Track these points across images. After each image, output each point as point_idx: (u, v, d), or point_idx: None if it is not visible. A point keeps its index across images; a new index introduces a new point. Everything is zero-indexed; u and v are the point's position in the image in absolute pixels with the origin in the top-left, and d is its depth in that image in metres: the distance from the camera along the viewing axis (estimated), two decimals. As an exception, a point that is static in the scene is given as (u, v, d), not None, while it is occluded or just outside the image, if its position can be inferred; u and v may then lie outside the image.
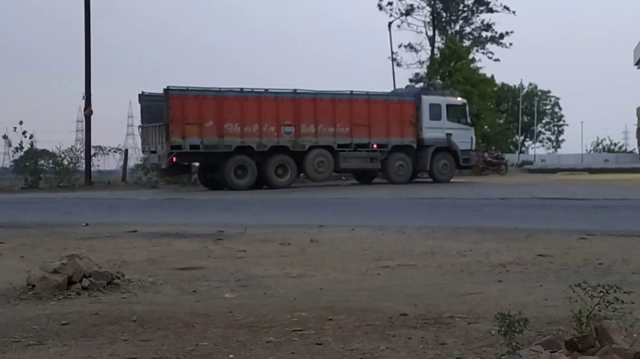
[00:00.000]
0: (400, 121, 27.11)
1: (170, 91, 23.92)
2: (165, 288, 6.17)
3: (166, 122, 23.64)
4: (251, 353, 3.99)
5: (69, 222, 12.89)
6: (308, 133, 25.62)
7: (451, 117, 28.28)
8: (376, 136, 26.72)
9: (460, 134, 28.19)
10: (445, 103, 28.32)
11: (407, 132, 27.30)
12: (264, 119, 24.90)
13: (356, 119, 26.35)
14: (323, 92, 26.58)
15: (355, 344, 4.11)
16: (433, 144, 27.59)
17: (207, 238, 9.87)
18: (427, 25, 52.23)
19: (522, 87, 65.07)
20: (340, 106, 26.26)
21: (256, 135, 24.77)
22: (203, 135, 24.08)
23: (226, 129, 24.36)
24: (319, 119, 25.78)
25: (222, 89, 25.01)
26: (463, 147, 28.30)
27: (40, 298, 5.58)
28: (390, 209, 16.19)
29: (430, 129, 27.63)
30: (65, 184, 28.65)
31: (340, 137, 26.13)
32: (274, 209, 16.87)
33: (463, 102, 29.26)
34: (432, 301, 5.34)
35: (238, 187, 24.06)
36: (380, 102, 27.24)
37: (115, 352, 4.04)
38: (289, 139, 25.32)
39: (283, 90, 26.08)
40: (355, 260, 7.72)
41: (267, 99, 25.27)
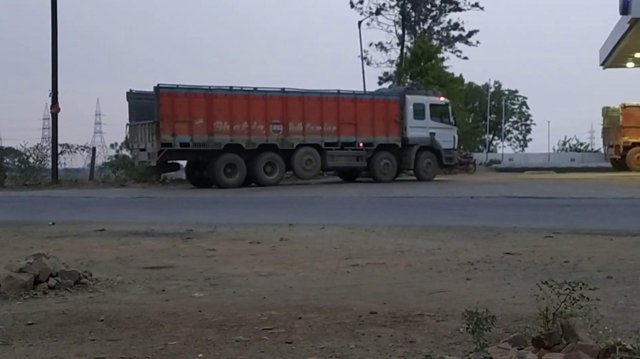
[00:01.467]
0: (385, 120, 27.40)
1: (161, 88, 23.96)
2: (134, 287, 6.12)
3: (156, 120, 23.66)
4: (220, 352, 3.97)
5: (35, 221, 12.73)
6: (296, 131, 25.80)
7: (434, 117, 28.61)
8: (362, 134, 26.98)
9: (443, 133, 28.52)
10: (428, 103, 28.64)
11: (392, 131, 27.60)
12: (253, 118, 25.01)
13: (343, 118, 26.58)
14: (311, 91, 26.75)
15: (325, 342, 4.12)
16: (417, 143, 27.92)
17: (177, 237, 9.82)
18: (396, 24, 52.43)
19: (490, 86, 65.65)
20: (328, 104, 26.48)
21: (245, 133, 24.87)
22: (193, 133, 24.15)
23: (216, 127, 24.43)
24: (307, 118, 25.97)
25: (211, 87, 25.03)
26: (446, 146, 28.65)
27: (6, 297, 5.51)
28: (361, 208, 16.23)
29: (414, 128, 27.94)
30: (31, 182, 28.30)
31: (328, 135, 26.36)
32: (244, 208, 16.83)
33: (446, 102, 29.65)
34: (401, 300, 5.37)
35: (227, 185, 24.11)
36: (366, 102, 27.57)
37: (82, 352, 4.00)
38: (278, 137, 25.47)
39: (272, 89, 26.17)
40: (325, 259, 7.73)
41: (256, 97, 25.39)
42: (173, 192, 23.80)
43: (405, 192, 20.93)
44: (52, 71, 29.70)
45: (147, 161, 25.18)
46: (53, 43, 29.70)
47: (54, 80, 29.58)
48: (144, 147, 24.83)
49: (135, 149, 26.01)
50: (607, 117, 40.04)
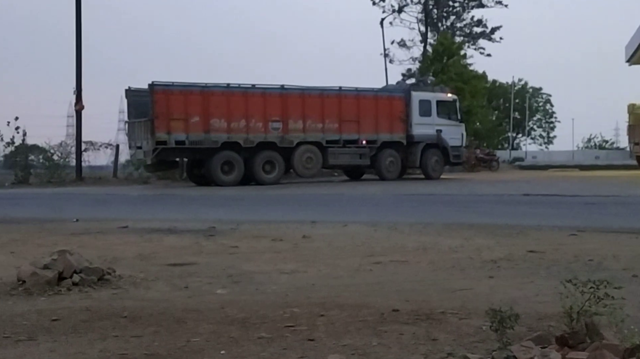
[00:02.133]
0: (389, 117, 27.03)
1: (155, 86, 23.79)
2: (157, 284, 6.15)
3: (151, 118, 23.52)
4: (243, 349, 3.98)
5: (59, 218, 12.85)
6: (296, 129, 25.50)
7: (441, 114, 28.15)
8: (365, 132, 26.62)
9: (450, 130, 28.07)
10: (435, 99, 28.15)
11: (396, 129, 27.20)
12: (251, 115, 24.76)
13: (345, 115, 26.23)
14: (311, 88, 26.45)
15: (347, 340, 4.11)
16: (423, 141, 27.51)
17: (199, 234, 9.86)
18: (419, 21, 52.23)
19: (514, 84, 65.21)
20: (329, 101, 26.13)
21: (243, 131, 24.65)
22: (189, 131, 23.92)
23: (212, 125, 24.22)
24: (307, 115, 25.67)
25: (208, 84, 24.86)
26: (453, 144, 28.19)
27: (31, 293, 5.56)
28: (383, 206, 16.20)
29: (420, 125, 27.54)
30: (55, 179, 28.56)
31: (329, 133, 26.03)
32: (267, 205, 16.86)
33: (453, 99, 29.05)
34: (423, 297, 5.35)
35: (224, 183, 23.99)
36: (369, 98, 27.10)
37: (106, 348, 4.03)
38: (277, 134, 25.19)
39: (270, 85, 25.92)
40: (348, 256, 7.72)
41: (254, 94, 25.13)
42: (196, 189, 23.89)
43: (427, 190, 20.86)
44: (76, 69, 29.94)
45: (144, 159, 25.23)
46: (77, 41, 29.94)
47: (78, 78, 29.82)
48: (140, 145, 24.79)
49: (133, 147, 26.00)
50: (633, 115, 39.56)
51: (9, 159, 30.77)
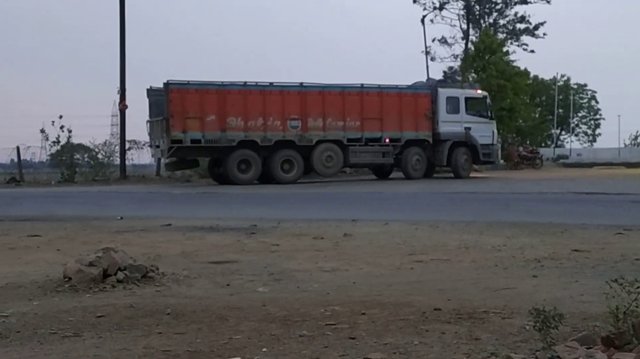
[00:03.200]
0: (414, 114, 26.40)
1: (170, 84, 23.82)
2: (199, 282, 6.21)
3: (166, 117, 23.56)
4: (284, 346, 4.00)
5: (104, 215, 13.04)
6: (316, 127, 25.11)
7: (471, 111, 27.46)
8: (389, 130, 26.06)
9: (480, 127, 27.30)
10: (463, 96, 27.44)
11: (422, 126, 26.58)
12: (268, 113, 24.50)
13: (367, 113, 25.71)
14: (332, 86, 26.02)
15: (388, 338, 4.10)
16: (450, 138, 26.84)
17: (241, 232, 9.92)
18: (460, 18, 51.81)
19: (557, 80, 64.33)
20: (350, 99, 25.66)
21: (260, 129, 24.42)
22: (205, 129, 23.83)
23: (229, 123, 24.08)
24: (328, 113, 25.24)
25: (224, 82, 24.64)
26: (483, 142, 27.38)
27: (77, 290, 5.66)
28: (424, 204, 16.11)
29: (447, 122, 26.86)
30: (100, 178, 28.99)
31: (350, 131, 25.55)
32: (308, 203, 16.89)
33: (484, 95, 28.30)
34: (466, 296, 5.31)
35: (241, 182, 23.78)
36: (393, 96, 26.44)
37: (149, 345, 4.08)
38: (296, 133, 24.87)
39: (289, 83, 25.54)
40: (389, 254, 7.70)
41: (272, 92, 24.88)
42: (238, 187, 24.04)
43: (469, 188, 20.70)
44: (120, 69, 30.35)
45: (161, 158, 25.31)
46: (121, 40, 30.34)
47: (122, 77, 30.23)
48: (158, 144, 24.92)
49: (153, 145, 26.13)
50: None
51: (55, 158, 31.33)
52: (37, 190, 23.96)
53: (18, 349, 4.04)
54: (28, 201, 18.37)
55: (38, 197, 20.00)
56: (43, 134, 29.64)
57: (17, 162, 31.20)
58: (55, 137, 29.20)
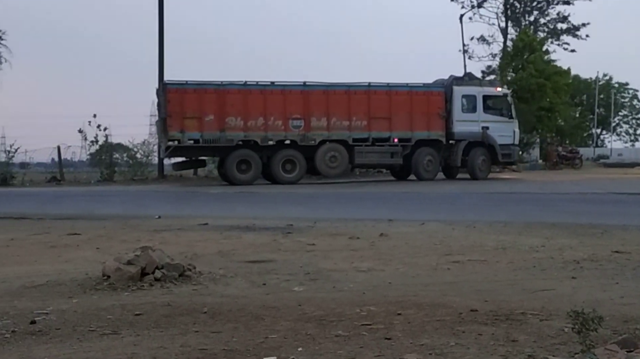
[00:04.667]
0: (426, 113, 25.52)
1: (168, 85, 23.92)
2: (236, 281, 6.24)
3: (163, 117, 23.64)
4: (320, 346, 4.00)
5: (142, 214, 13.18)
6: (319, 127, 24.66)
7: (489, 109, 26.40)
8: (398, 129, 25.28)
9: (499, 127, 26.12)
10: (481, 94, 26.32)
11: (434, 126, 25.66)
12: (269, 113, 24.23)
13: (375, 112, 25.04)
14: (337, 84, 25.51)
15: (424, 339, 4.08)
16: (465, 138, 25.83)
17: (277, 231, 9.95)
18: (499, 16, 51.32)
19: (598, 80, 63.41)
20: (356, 98, 25.08)
21: (261, 129, 24.18)
22: (203, 129, 23.75)
23: (228, 123, 23.91)
24: (332, 112, 24.75)
25: (223, 82, 24.48)
26: (503, 142, 26.18)
27: (115, 288, 5.72)
28: (460, 204, 16.00)
29: (462, 122, 25.86)
30: (138, 177, 29.32)
31: (356, 131, 24.96)
32: (344, 203, 16.88)
33: (504, 93, 27.16)
34: (503, 297, 5.26)
35: (241, 182, 23.63)
36: (402, 94, 25.59)
37: (186, 343, 4.11)
38: (298, 133, 24.50)
39: (291, 82, 25.16)
40: (425, 255, 7.66)
41: (273, 92, 24.58)
42: (274, 187, 24.12)
43: (506, 188, 20.51)
44: (158, 68, 30.63)
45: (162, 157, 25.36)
46: (160, 40, 30.62)
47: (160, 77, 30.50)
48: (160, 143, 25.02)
49: (159, 145, 26.17)
50: None
51: (95, 157, 31.77)
52: (77, 189, 24.32)
53: (58, 346, 4.10)
54: (68, 199, 18.64)
55: (78, 196, 20.29)
56: (81, 133, 30.05)
57: (58, 161, 31.68)
58: (93, 136, 29.61)
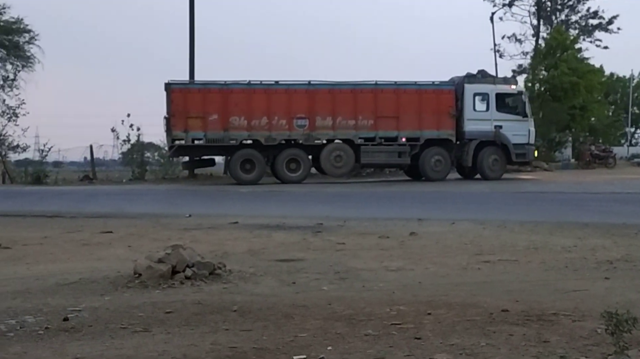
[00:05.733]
0: (435, 112, 24.93)
1: (172, 85, 23.97)
2: (265, 279, 6.26)
3: (167, 116, 23.81)
4: (350, 345, 3.99)
5: (173, 213, 13.27)
6: (324, 126, 24.45)
7: (503, 108, 25.61)
8: (406, 128, 24.81)
9: (513, 126, 25.31)
10: (494, 92, 25.50)
11: (444, 125, 25.04)
12: (273, 112, 24.15)
13: (382, 111, 24.64)
14: (342, 83, 25.21)
15: (454, 339, 4.06)
16: (476, 137, 25.08)
17: (307, 230, 9.96)
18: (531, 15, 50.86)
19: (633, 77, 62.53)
20: (363, 97, 24.75)
21: (265, 129, 24.10)
22: (207, 129, 23.79)
23: (231, 123, 23.89)
24: (337, 112, 24.51)
25: (227, 82, 24.51)
26: (517, 141, 25.32)
27: (146, 286, 5.77)
28: (491, 204, 15.88)
29: (473, 120, 25.19)
30: (169, 176, 29.51)
31: (363, 130, 24.63)
32: (373, 202, 16.85)
33: (518, 91, 26.31)
34: (534, 298, 5.21)
35: (245, 182, 23.65)
36: (411, 93, 25.06)
37: (217, 341, 4.13)
38: (302, 132, 24.34)
39: (296, 82, 24.99)
40: (455, 254, 7.62)
41: (277, 91, 24.46)
42: (303, 186, 24.14)
43: (538, 188, 20.32)
44: (189, 68, 30.80)
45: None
46: (190, 41, 30.79)
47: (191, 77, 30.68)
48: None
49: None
50: None
51: (127, 156, 32.05)
52: (109, 187, 24.56)
53: (90, 343, 4.14)
54: (101, 198, 18.84)
55: (110, 194, 20.50)
56: (114, 132, 30.34)
57: (90, 160, 32.02)
58: (125, 135, 29.88)
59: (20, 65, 31.95)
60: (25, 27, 31.93)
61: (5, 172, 30.97)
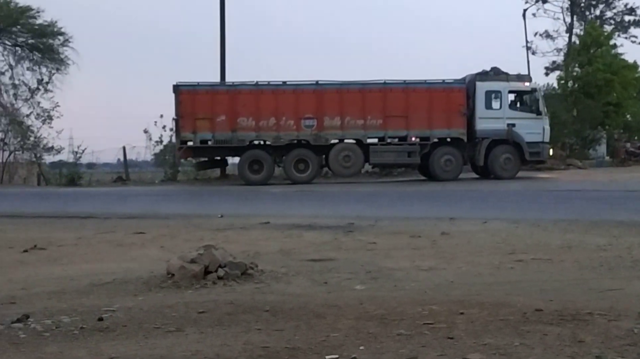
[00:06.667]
0: (446, 111, 24.64)
1: (180, 87, 24.16)
2: (297, 279, 6.27)
3: (175, 118, 24.09)
4: (382, 345, 3.98)
5: (205, 213, 13.35)
6: (332, 126, 24.44)
7: (515, 105, 25.39)
8: (415, 127, 24.62)
9: (527, 124, 24.87)
10: (506, 89, 25.13)
11: (454, 124, 24.70)
12: (281, 113, 24.24)
13: (391, 110, 24.51)
14: (350, 83, 25.14)
15: (487, 339, 4.03)
16: (488, 136, 24.67)
17: (338, 230, 9.96)
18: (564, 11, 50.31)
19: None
20: (371, 96, 24.64)
21: (273, 129, 24.22)
22: (215, 130, 24.01)
23: (239, 124, 24.06)
24: (346, 111, 24.48)
25: (235, 83, 24.92)
26: (531, 139, 24.82)
27: (179, 286, 5.81)
28: (524, 202, 15.74)
29: (485, 119, 24.80)
30: (201, 176, 29.68)
31: (371, 129, 24.56)
32: (405, 201, 16.80)
33: (532, 88, 25.70)
34: (569, 297, 5.16)
35: (253, 182, 23.77)
36: (420, 92, 24.79)
37: (249, 341, 4.15)
38: (310, 132, 24.37)
39: (304, 82, 25.01)
40: (488, 253, 7.57)
41: (285, 92, 24.57)
42: (334, 185, 24.15)
43: (572, 186, 20.09)
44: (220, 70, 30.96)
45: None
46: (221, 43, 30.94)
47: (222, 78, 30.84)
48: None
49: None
50: None
51: (159, 157, 32.33)
52: (141, 188, 24.81)
53: (124, 343, 4.19)
54: (133, 199, 19.03)
55: (143, 195, 20.69)
56: (146, 134, 30.61)
57: (124, 161, 32.36)
58: (158, 137, 30.12)
59: (54, 68, 32.39)
60: (59, 30, 32.36)
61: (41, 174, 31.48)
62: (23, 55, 32.29)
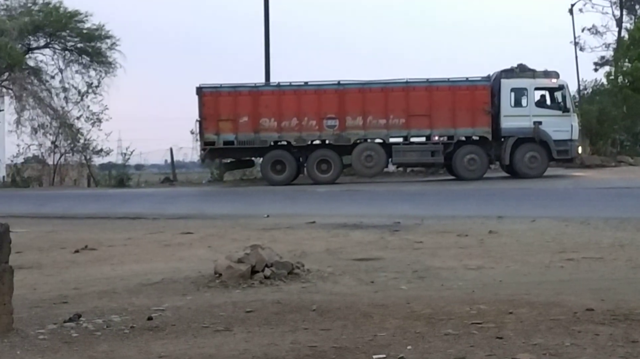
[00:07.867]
0: (470, 109, 24.11)
1: (203, 89, 24.31)
2: (344, 278, 6.27)
3: (199, 119, 24.18)
4: (429, 344, 3.96)
5: (251, 213, 13.44)
6: (354, 126, 24.23)
7: (542, 103, 24.66)
8: (439, 126, 24.22)
9: (554, 121, 24.07)
10: (533, 87, 24.47)
11: (479, 122, 24.13)
12: (303, 113, 24.14)
13: (413, 110, 24.16)
14: (373, 82, 24.93)
15: (537, 339, 3.97)
16: (513, 134, 23.99)
17: (384, 229, 9.93)
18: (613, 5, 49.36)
19: None
20: (394, 95, 24.34)
21: (295, 129, 24.12)
22: (238, 131, 24.06)
23: (262, 124, 24.06)
24: (368, 111, 24.25)
25: (257, 84, 24.97)
26: (558, 137, 23.99)
27: (226, 286, 5.86)
28: (573, 200, 15.50)
29: (510, 117, 24.17)
30: (247, 177, 29.87)
31: (394, 129, 24.24)
32: (451, 200, 16.67)
33: (560, 85, 24.75)
34: (621, 296, 5.06)
35: (276, 183, 23.74)
36: (443, 90, 24.41)
37: (296, 340, 4.16)
38: (333, 132, 24.20)
39: (325, 82, 24.97)
40: (537, 252, 7.47)
41: (306, 92, 24.50)
42: (379, 185, 24.06)
43: (623, 183, 19.70)
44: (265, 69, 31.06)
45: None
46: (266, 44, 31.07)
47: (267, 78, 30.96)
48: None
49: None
50: None
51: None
52: (189, 189, 25.07)
53: (174, 341, 4.23)
54: (181, 199, 19.24)
55: (190, 196, 20.92)
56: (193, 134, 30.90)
57: (171, 163, 32.73)
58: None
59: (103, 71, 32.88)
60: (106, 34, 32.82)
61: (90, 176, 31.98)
62: (72, 59, 32.80)
